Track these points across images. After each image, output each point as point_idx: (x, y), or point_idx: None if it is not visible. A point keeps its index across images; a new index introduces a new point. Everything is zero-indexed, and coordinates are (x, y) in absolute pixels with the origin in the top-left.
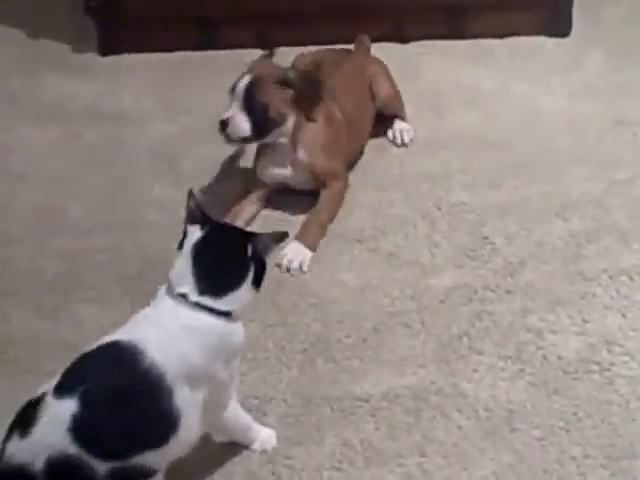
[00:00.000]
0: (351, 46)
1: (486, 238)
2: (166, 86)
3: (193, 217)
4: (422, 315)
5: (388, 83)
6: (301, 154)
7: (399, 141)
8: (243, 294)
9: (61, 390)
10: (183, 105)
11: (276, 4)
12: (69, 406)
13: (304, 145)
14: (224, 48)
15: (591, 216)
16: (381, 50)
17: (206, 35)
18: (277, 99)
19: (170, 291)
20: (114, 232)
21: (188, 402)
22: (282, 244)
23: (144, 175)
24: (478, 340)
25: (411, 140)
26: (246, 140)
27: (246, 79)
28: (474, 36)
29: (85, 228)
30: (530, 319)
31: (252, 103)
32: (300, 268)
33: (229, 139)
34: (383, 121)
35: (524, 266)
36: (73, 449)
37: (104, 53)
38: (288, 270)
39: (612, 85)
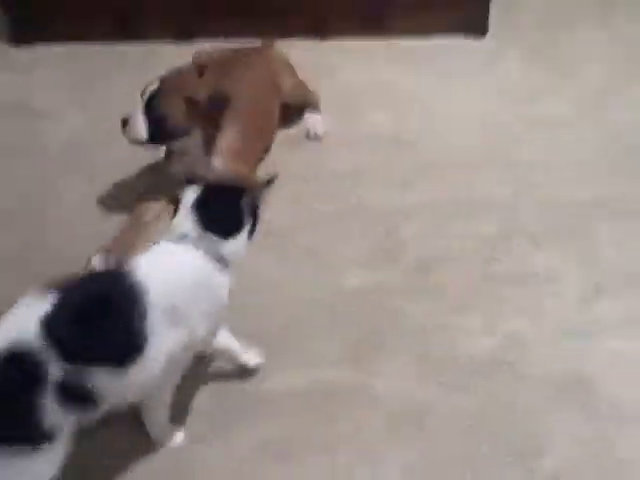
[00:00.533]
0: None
1: (398, 238)
2: (81, 79)
3: (189, 179)
4: (334, 312)
5: (291, 74)
6: (215, 162)
7: (312, 133)
8: (241, 241)
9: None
10: (97, 99)
11: None
12: (44, 303)
13: (216, 153)
14: (142, 39)
15: (502, 218)
16: (298, 46)
17: (123, 26)
18: (179, 113)
19: (170, 236)
20: (27, 228)
21: (162, 334)
22: None
23: (59, 167)
24: (390, 339)
25: (324, 133)
26: (144, 143)
27: (154, 85)
28: (392, 34)
29: None
30: (441, 319)
31: (152, 111)
32: None
33: (127, 139)
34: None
35: (436, 267)
36: (36, 342)
37: (16, 42)
38: None
39: (526, 87)
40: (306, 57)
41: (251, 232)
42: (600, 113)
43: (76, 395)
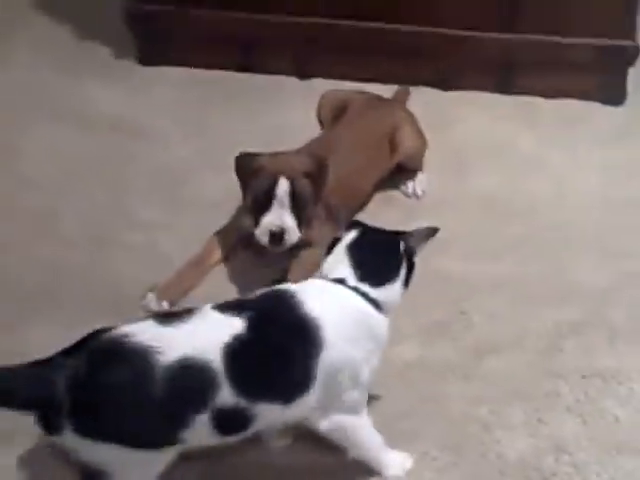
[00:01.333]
0: (388, 87)
1: (464, 313)
2: (193, 104)
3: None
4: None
5: (414, 137)
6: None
7: (411, 191)
8: (397, 288)
9: (223, 308)
10: (202, 128)
11: (321, 33)
12: (234, 323)
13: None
14: (262, 72)
15: (585, 308)
16: (419, 94)
17: (246, 56)
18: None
19: (323, 275)
20: (96, 250)
21: (323, 372)
22: None
23: (141, 196)
24: (420, 424)
25: (423, 192)
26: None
27: (284, 182)
28: (521, 93)
29: (68, 240)
30: (481, 410)
31: (298, 204)
32: None
33: (282, 248)
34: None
35: (494, 351)
36: (216, 363)
37: (142, 63)
38: None
39: None
40: (426, 106)
41: (407, 280)
42: None
43: (230, 422)
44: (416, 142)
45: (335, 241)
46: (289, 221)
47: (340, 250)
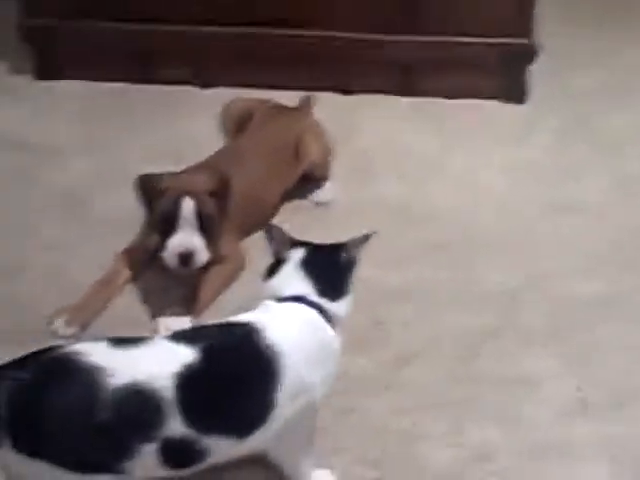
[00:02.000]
0: (293, 93)
1: (380, 323)
2: (94, 118)
3: (285, 243)
4: None
5: (319, 146)
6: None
7: (319, 199)
8: (349, 301)
9: (175, 337)
10: (106, 142)
11: (219, 41)
12: (188, 352)
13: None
14: (162, 83)
15: (499, 311)
16: (322, 99)
17: (144, 68)
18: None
19: (275, 295)
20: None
21: (286, 403)
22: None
23: (46, 216)
24: (340, 439)
25: (332, 200)
26: None
27: (189, 203)
28: (423, 94)
29: None
30: (403, 421)
31: (205, 224)
32: None
33: (191, 269)
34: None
35: (412, 360)
36: (166, 391)
37: (39, 77)
38: None
39: (557, 165)
40: (327, 112)
41: None
42: (631, 202)
43: (180, 454)
44: (322, 150)
45: (277, 262)
46: (197, 242)
47: (290, 268)
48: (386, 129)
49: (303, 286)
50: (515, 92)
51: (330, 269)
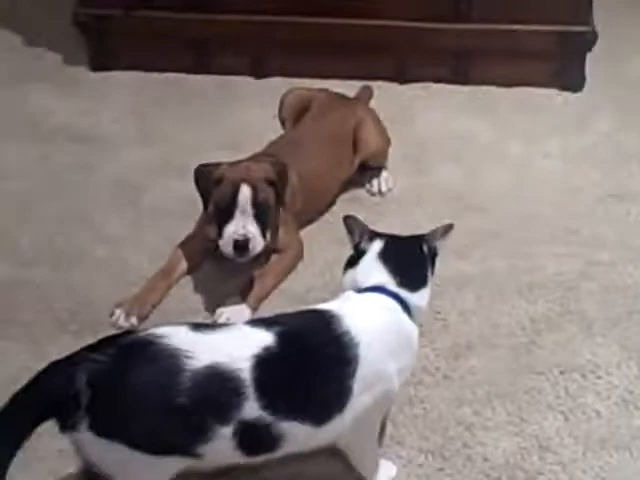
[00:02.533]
0: (343, 82)
1: (438, 313)
2: (149, 109)
3: (365, 235)
4: None
5: (377, 135)
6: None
7: (376, 189)
8: (428, 292)
9: (255, 323)
10: (161, 132)
11: (275, 31)
12: (263, 337)
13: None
14: (217, 73)
15: (558, 300)
16: (376, 88)
17: (199, 58)
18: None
19: (355, 286)
20: (55, 266)
21: (361, 392)
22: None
23: (103, 207)
24: (402, 429)
25: (389, 189)
26: None
27: (246, 190)
28: (478, 83)
29: (28, 257)
30: (463, 411)
31: (261, 211)
32: None
33: (247, 257)
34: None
35: (471, 350)
36: (245, 373)
37: (94, 68)
38: None
39: (615, 152)
40: (383, 100)
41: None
42: None
43: (255, 439)
44: (379, 140)
45: (357, 254)
46: (253, 229)
47: (370, 260)
48: (442, 118)
49: (383, 276)
50: (572, 79)
51: (409, 260)
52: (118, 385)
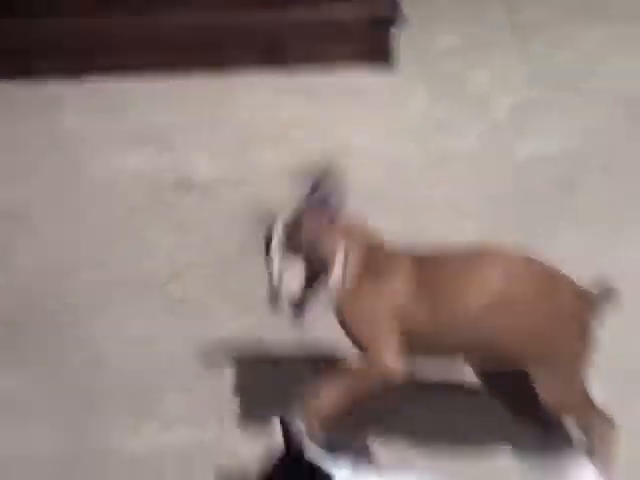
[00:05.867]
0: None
1: None
2: None
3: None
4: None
5: None
6: None
7: None
8: None
9: None
10: None
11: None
12: None
13: None
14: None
15: None
16: (197, 80)
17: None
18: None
19: None
20: None
21: None
22: None
23: None
24: None
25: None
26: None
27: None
28: (296, 66)
29: None
30: None
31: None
32: None
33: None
34: None
35: None
36: None
37: None
38: None
39: (431, 121)
40: (203, 91)
41: None
42: (507, 147)
43: None
44: None
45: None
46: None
47: None
48: (261, 103)
49: None
50: (381, 56)
51: None
52: None
